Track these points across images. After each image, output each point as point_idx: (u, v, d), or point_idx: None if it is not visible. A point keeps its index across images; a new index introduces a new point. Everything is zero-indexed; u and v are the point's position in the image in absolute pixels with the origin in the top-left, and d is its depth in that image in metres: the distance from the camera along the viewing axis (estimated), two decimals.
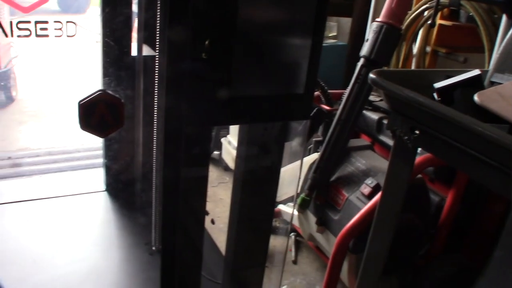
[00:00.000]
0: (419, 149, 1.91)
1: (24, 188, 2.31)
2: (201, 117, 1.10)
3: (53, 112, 4.01)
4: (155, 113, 1.53)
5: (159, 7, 1.45)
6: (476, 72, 1.06)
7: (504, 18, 2.01)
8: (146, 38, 1.84)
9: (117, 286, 1.71)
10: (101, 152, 2.25)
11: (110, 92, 1.40)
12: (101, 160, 2.27)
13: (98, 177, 2.31)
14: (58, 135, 3.58)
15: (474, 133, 0.82)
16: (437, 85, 1.05)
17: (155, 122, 1.55)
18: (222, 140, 3.15)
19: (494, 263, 0.96)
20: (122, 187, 2.18)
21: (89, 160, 3.05)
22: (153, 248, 1.86)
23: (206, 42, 1.03)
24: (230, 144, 3.07)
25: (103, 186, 2.26)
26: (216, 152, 3.27)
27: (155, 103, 1.51)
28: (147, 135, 1.88)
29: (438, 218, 2.02)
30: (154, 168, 1.67)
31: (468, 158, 0.89)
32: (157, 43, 1.52)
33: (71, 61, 4.10)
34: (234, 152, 2.99)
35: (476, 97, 0.94)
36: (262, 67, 1.12)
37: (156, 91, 1.50)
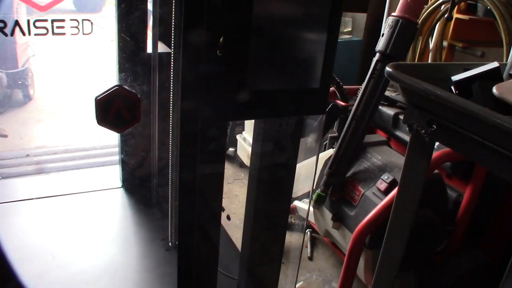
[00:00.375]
0: (436, 144, 1.90)
1: (42, 185, 2.33)
2: (217, 112, 1.10)
3: (70, 110, 4.06)
4: (171, 108, 1.54)
5: (174, 4, 1.46)
6: (495, 64, 1.04)
7: None
8: (161, 34, 1.85)
9: (134, 281, 1.72)
10: (117, 149, 2.27)
11: (126, 87, 1.40)
12: (117, 157, 2.29)
13: (114, 174, 2.33)
14: (75, 132, 3.62)
15: (493, 125, 0.81)
16: (455, 78, 1.04)
17: (171, 117, 1.56)
18: (237, 136, 3.15)
19: None
20: (138, 183, 2.19)
21: (105, 157, 3.08)
22: (170, 243, 1.87)
23: (221, 40, 1.03)
24: (245, 141, 3.08)
25: (119, 183, 2.28)
26: (231, 149, 3.27)
27: (171, 98, 1.52)
28: (163, 130, 1.89)
29: (456, 214, 2.00)
30: (170, 163, 1.67)
31: (487, 151, 0.88)
32: (172, 39, 1.52)
33: (87, 59, 4.15)
34: (249, 149, 2.99)
35: (494, 90, 0.93)
36: (278, 61, 1.12)
37: (171, 87, 1.50)
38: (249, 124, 3.00)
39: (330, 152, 2.25)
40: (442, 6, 2.44)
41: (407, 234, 1.25)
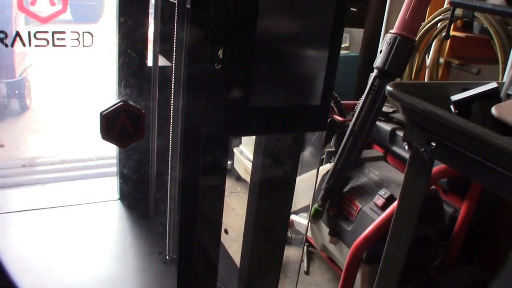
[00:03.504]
0: None
1: (38, 196, 2.33)
2: (219, 128, 1.12)
3: (66, 121, 4.05)
4: (171, 122, 1.55)
5: (176, 18, 1.47)
6: (493, 85, 1.06)
7: None
8: (162, 48, 1.86)
9: None
10: (114, 161, 2.26)
11: (131, 102, 1.42)
12: (114, 169, 2.29)
13: (111, 186, 2.32)
14: (71, 143, 3.61)
15: (492, 145, 0.83)
16: (454, 97, 1.06)
17: (171, 131, 1.57)
18: (234, 150, 3.16)
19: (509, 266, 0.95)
20: (135, 195, 2.19)
21: (102, 168, 3.07)
22: (167, 257, 1.86)
23: (219, 52, 1.04)
24: (242, 154, 3.08)
25: (116, 195, 2.28)
26: (228, 162, 3.28)
27: (171, 112, 1.53)
28: (162, 143, 1.90)
29: (452, 230, 2.02)
30: (169, 177, 1.68)
31: (486, 170, 0.90)
32: (174, 53, 1.54)
33: (83, 69, 4.15)
34: (246, 162, 3.00)
35: (493, 110, 0.95)
36: (280, 78, 1.13)
37: (172, 100, 1.51)
38: (246, 138, 3.02)
39: (327, 166, 2.27)
40: (439, 24, 2.48)
41: (406, 249, 1.26)
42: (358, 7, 3.54)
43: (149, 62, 1.92)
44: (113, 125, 1.38)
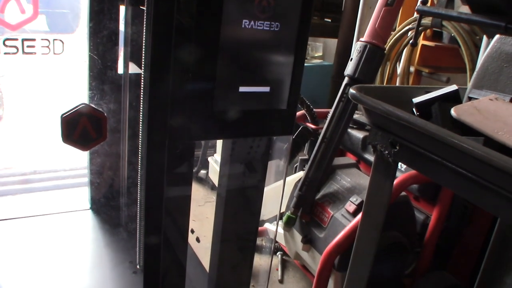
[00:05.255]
0: (404, 167, 1.93)
1: (8, 207, 2.28)
2: (184, 131, 1.11)
3: (40, 131, 3.98)
4: (140, 128, 1.53)
5: (145, 25, 1.47)
6: (454, 87, 1.08)
7: (484, 38, 2.05)
8: (132, 55, 1.85)
9: None
10: (86, 171, 2.23)
11: (93, 105, 1.40)
12: (86, 179, 2.26)
13: (83, 196, 2.28)
14: (44, 153, 3.55)
15: (450, 145, 0.83)
16: (416, 100, 1.07)
17: (140, 137, 1.55)
18: (209, 159, 3.15)
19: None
20: (106, 204, 2.16)
21: (74, 179, 3.03)
22: (138, 266, 1.83)
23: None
24: (216, 163, 3.07)
25: (88, 205, 2.24)
26: (203, 171, 3.26)
27: (140, 118, 1.51)
28: (132, 154, 1.88)
29: (424, 236, 2.03)
30: (139, 183, 1.66)
31: (446, 171, 0.91)
32: (143, 60, 1.52)
33: (59, 79, 4.09)
34: None
35: (453, 111, 0.96)
36: (245, 82, 1.13)
37: (141, 106, 1.50)
38: (221, 147, 3.00)
39: (300, 174, 2.27)
40: (409, 33, 2.51)
41: (373, 254, 1.26)
42: (332, 18, 3.58)
43: (120, 69, 1.91)
44: (74, 128, 1.36)
